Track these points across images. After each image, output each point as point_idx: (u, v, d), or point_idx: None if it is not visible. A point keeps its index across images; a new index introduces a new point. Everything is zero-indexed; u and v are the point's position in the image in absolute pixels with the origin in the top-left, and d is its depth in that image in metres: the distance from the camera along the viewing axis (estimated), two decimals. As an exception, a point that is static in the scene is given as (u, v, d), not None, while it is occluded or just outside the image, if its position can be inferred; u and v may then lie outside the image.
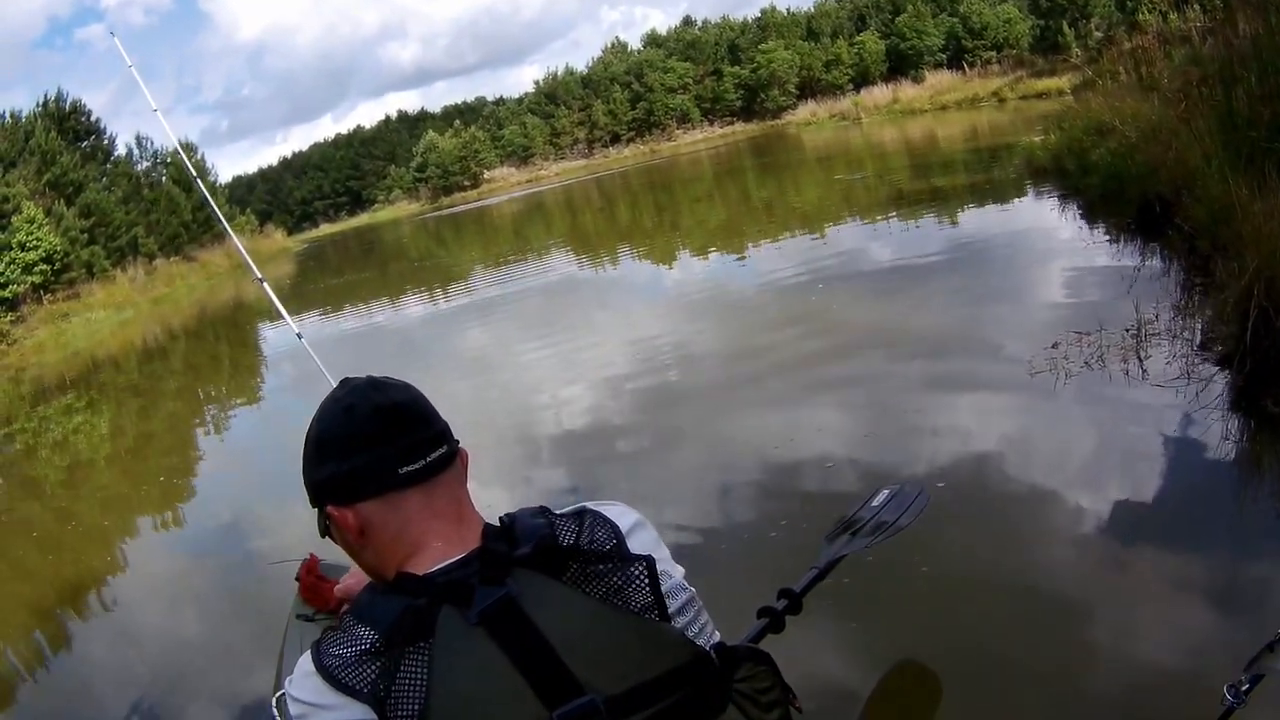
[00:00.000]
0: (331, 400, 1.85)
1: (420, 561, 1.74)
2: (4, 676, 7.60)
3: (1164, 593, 4.87)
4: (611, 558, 1.74)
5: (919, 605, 5.17)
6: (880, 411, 8.26)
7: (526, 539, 1.72)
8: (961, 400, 8.10)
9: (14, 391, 24.73)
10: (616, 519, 1.83)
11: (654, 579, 1.74)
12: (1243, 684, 2.61)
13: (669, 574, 1.82)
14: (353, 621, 1.65)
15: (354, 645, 1.61)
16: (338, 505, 1.80)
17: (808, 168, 39.12)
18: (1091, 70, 24.70)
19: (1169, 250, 10.08)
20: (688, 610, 1.82)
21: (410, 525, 1.76)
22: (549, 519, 1.80)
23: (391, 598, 1.67)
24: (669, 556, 1.88)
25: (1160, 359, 7.49)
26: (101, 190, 49.34)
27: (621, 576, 1.72)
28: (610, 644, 1.64)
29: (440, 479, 1.80)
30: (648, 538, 1.86)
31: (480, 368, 14.33)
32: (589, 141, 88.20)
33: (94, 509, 12.18)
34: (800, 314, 12.53)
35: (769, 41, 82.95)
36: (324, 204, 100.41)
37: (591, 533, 1.77)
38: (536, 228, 41.04)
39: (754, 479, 7.48)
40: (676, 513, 7.13)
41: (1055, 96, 35.08)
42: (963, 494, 6.30)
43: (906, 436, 7.51)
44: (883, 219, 19.40)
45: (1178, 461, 6.15)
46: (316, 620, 4.88)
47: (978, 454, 6.91)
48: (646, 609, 1.71)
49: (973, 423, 7.50)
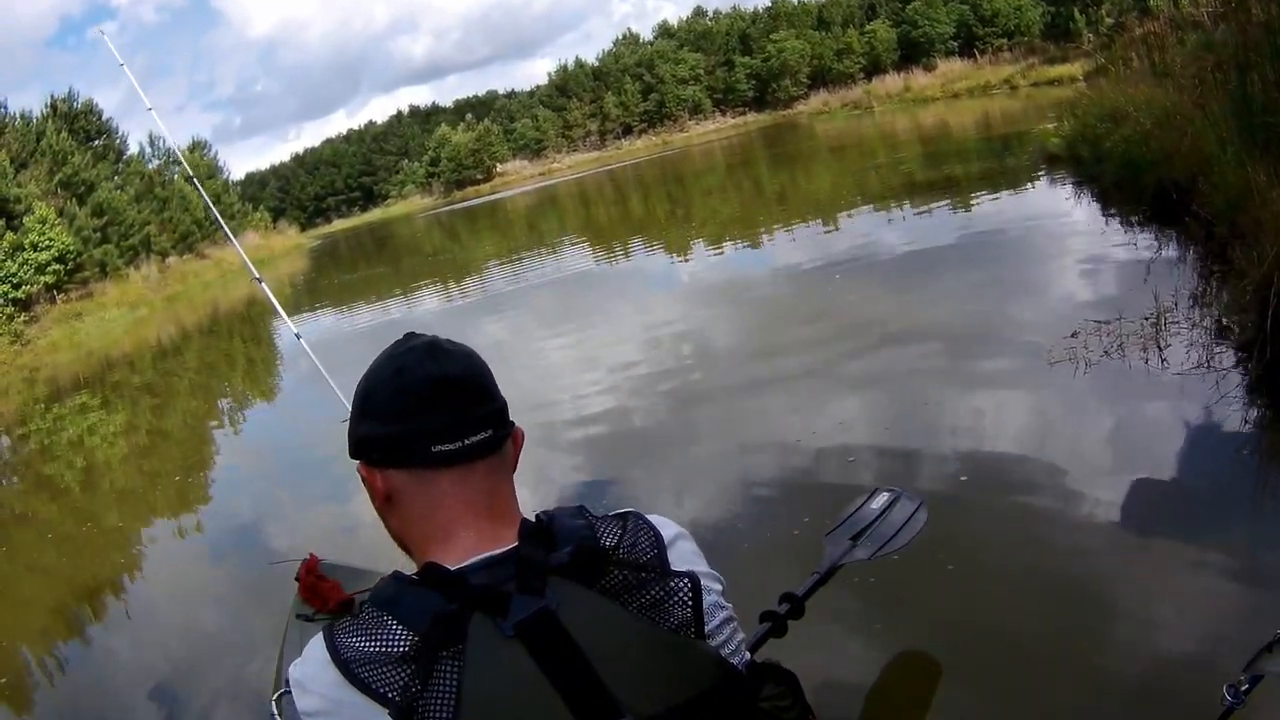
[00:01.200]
0: (388, 355, 1.77)
1: (450, 551, 1.67)
2: (4, 677, 7.58)
3: (1178, 586, 4.81)
4: (652, 568, 1.67)
5: (931, 598, 5.15)
6: (900, 403, 8.20)
7: (565, 542, 1.64)
8: (981, 391, 8.04)
9: (28, 392, 24.76)
10: (660, 527, 1.75)
11: (697, 596, 1.66)
12: (1242, 684, 2.62)
13: (710, 589, 1.74)
14: (376, 613, 1.57)
15: (379, 642, 1.53)
16: (368, 466, 1.74)
17: (820, 157, 39.08)
18: (1103, 57, 24.62)
19: (1185, 237, 10.00)
20: (724, 629, 1.74)
21: (440, 509, 1.69)
22: (588, 520, 1.72)
23: (421, 593, 1.59)
24: (709, 571, 1.80)
25: (1179, 347, 7.42)
26: (114, 189, 49.42)
27: (662, 589, 1.64)
28: (649, 663, 1.57)
29: (479, 464, 1.71)
30: (689, 549, 1.79)
31: (495, 359, 14.23)
32: (601, 134, 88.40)
33: (108, 506, 12.18)
34: (817, 304, 12.50)
35: (780, 31, 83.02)
36: (337, 200, 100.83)
37: (635, 537, 1.70)
38: (550, 221, 41.06)
39: (772, 473, 7.43)
40: (691, 507, 7.10)
41: (1067, 83, 35.06)
42: (983, 487, 6.27)
43: (927, 430, 7.44)
44: (897, 208, 19.32)
45: (1197, 452, 6.08)
46: (316, 620, 4.88)
47: (997, 446, 6.88)
48: (684, 625, 1.64)
49: (993, 414, 7.45)
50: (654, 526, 1.74)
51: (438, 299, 24.11)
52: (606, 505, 7.55)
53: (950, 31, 76.09)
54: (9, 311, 35.42)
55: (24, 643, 8.32)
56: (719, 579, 1.81)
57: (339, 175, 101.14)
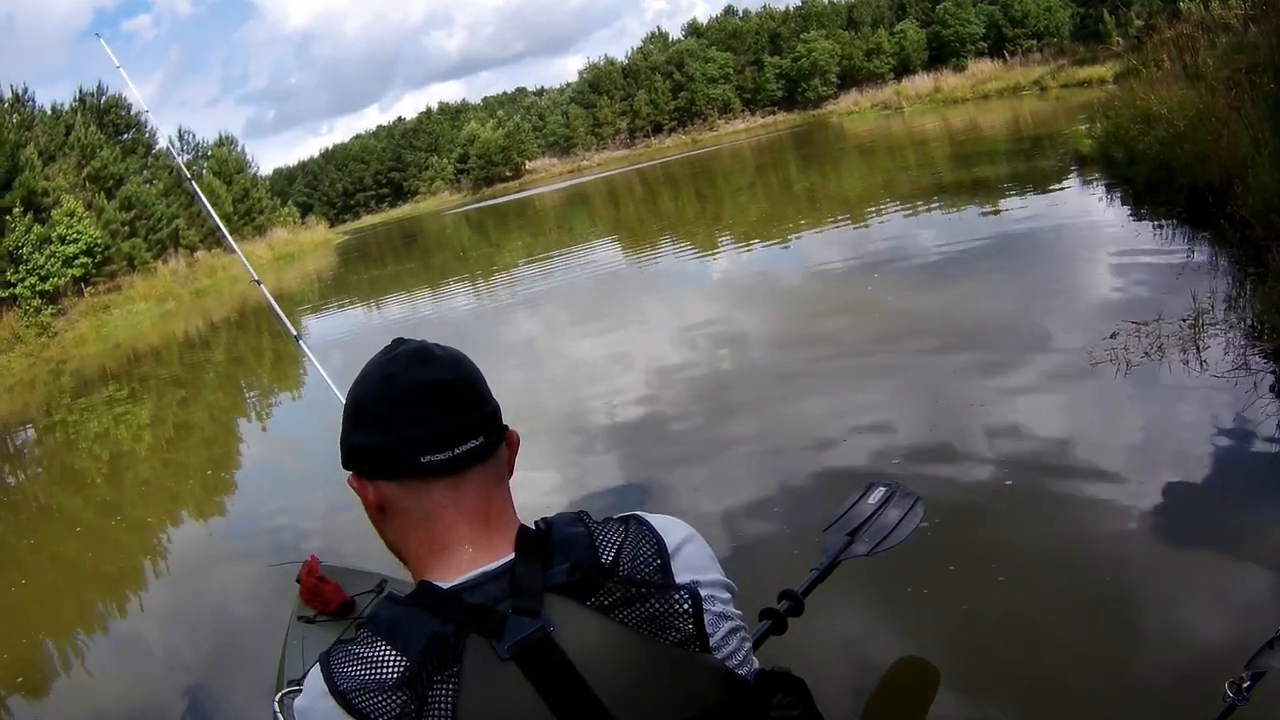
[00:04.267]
0: (376, 362, 1.73)
1: (446, 566, 1.64)
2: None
3: (1196, 588, 4.80)
4: (653, 580, 1.62)
5: (940, 601, 5.12)
6: (943, 404, 8.14)
7: (564, 552, 1.60)
8: (1023, 392, 7.97)
9: (54, 384, 24.86)
10: (664, 533, 1.70)
11: (698, 609, 1.61)
12: (1244, 681, 2.64)
13: (714, 598, 1.69)
14: (371, 637, 1.55)
15: (374, 669, 1.50)
16: (359, 478, 1.71)
17: (849, 157, 39.04)
18: (1134, 59, 24.55)
19: (1220, 239, 9.94)
20: (729, 641, 1.68)
21: (435, 520, 1.66)
22: (588, 528, 1.68)
23: (416, 614, 1.55)
24: (720, 577, 1.75)
25: (1217, 349, 7.39)
26: (143, 183, 49.64)
27: (662, 603, 1.59)
28: (649, 681, 1.54)
29: (471, 473, 1.67)
30: (696, 554, 1.73)
31: (527, 357, 14.33)
32: (631, 131, 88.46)
33: (117, 503, 12.21)
34: (855, 304, 12.46)
35: (810, 31, 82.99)
36: (365, 195, 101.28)
37: (636, 547, 1.65)
38: (581, 219, 41.08)
39: (814, 470, 7.38)
40: (722, 502, 7.10)
41: (1097, 85, 34.99)
42: (1021, 488, 6.22)
43: (967, 430, 7.40)
44: (931, 209, 19.30)
45: (1233, 456, 6.02)
46: (318, 622, 4.94)
47: (1039, 446, 6.82)
48: (687, 640, 1.59)
49: (1034, 415, 7.39)
50: (656, 533, 1.70)
51: (468, 296, 24.22)
52: (613, 498, 7.82)
53: (980, 32, 76.11)
54: (36, 304, 35.67)
55: (23, 642, 8.35)
56: (727, 585, 1.77)
57: (368, 171, 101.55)
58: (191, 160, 63.62)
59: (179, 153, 61.81)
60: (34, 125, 46.38)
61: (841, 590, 4.69)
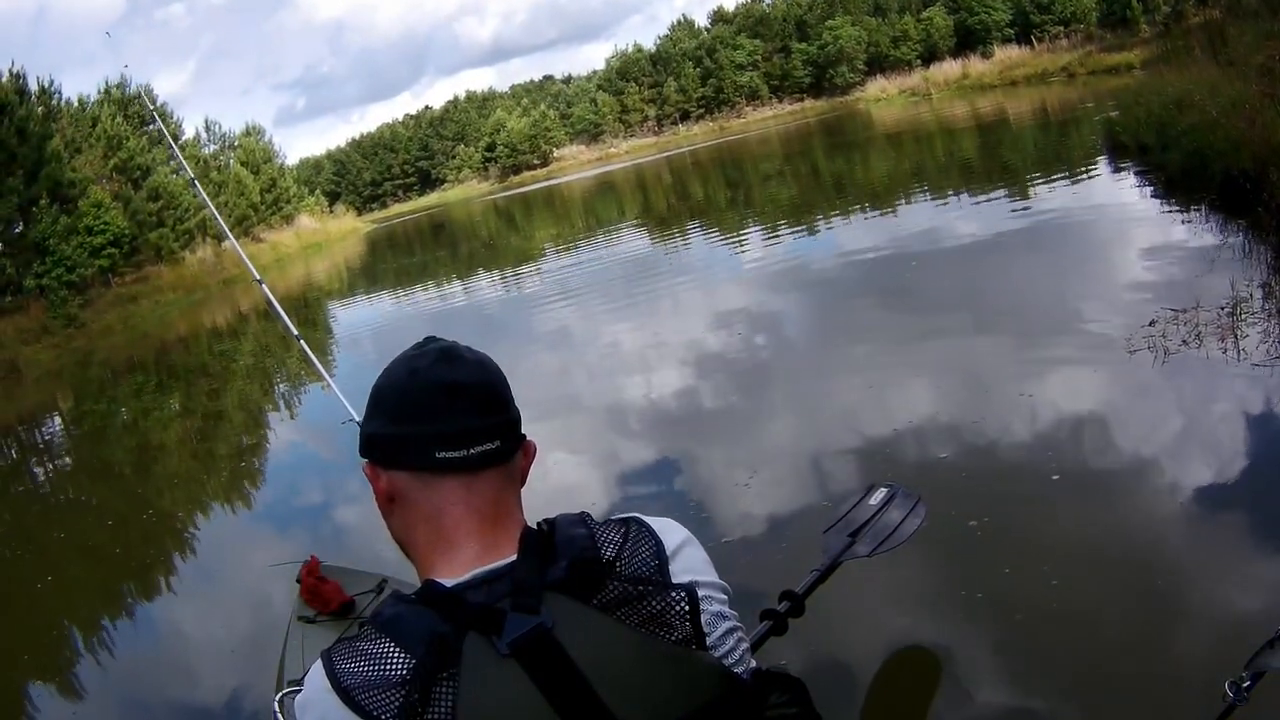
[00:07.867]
0: (404, 356, 1.74)
1: (452, 563, 1.65)
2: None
3: (1212, 586, 4.74)
4: (652, 579, 1.63)
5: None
6: (987, 391, 8.14)
7: (565, 553, 1.61)
8: (1063, 380, 7.93)
9: (81, 375, 24.97)
10: (662, 535, 1.71)
11: (695, 608, 1.61)
12: (1244, 681, 2.65)
13: (711, 599, 1.70)
14: (374, 634, 1.54)
15: (376, 666, 1.51)
16: (374, 465, 1.72)
17: (879, 144, 39.03)
18: (1163, 44, 24.45)
19: (1257, 226, 9.85)
20: (726, 640, 1.69)
21: (444, 514, 1.66)
22: (589, 529, 1.68)
23: (418, 612, 1.55)
24: (716, 580, 1.76)
25: (1256, 337, 7.33)
26: (170, 174, 49.80)
27: (661, 602, 1.60)
28: (647, 677, 1.54)
29: (485, 474, 1.68)
30: (693, 557, 1.74)
31: (546, 345, 14.37)
32: (658, 119, 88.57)
33: (119, 500, 12.26)
34: (891, 291, 12.51)
35: (836, 18, 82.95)
36: (393, 184, 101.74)
37: (635, 547, 1.66)
38: (609, 207, 41.26)
39: (857, 459, 7.37)
40: (761, 494, 7.07)
41: (1125, 72, 34.82)
42: (1071, 479, 6.13)
43: (1014, 418, 7.34)
44: (964, 196, 19.30)
45: (1274, 447, 5.99)
46: (318, 622, 5.00)
47: (1079, 435, 6.79)
48: (685, 639, 1.60)
49: (1074, 402, 7.35)
50: (656, 534, 1.71)
51: (496, 285, 24.30)
52: (631, 487, 7.80)
53: (1007, 18, 76.03)
54: (63, 295, 35.76)
55: (21, 641, 8.37)
56: (723, 588, 1.77)
57: (395, 160, 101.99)
58: (218, 151, 63.84)
59: (201, 143, 62.25)
60: (60, 117, 46.59)
61: (842, 591, 4.68)
